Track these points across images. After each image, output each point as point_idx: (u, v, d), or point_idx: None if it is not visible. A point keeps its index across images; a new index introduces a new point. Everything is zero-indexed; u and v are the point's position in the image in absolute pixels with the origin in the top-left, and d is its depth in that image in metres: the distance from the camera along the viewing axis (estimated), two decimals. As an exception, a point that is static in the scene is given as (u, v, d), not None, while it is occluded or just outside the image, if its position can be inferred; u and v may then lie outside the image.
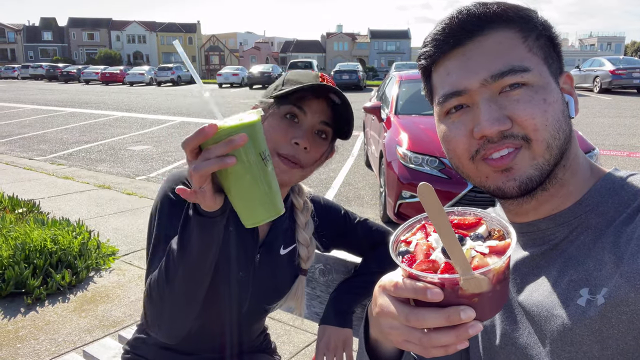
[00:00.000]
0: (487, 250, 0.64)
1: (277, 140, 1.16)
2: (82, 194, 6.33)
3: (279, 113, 1.18)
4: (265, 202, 0.81)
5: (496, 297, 0.64)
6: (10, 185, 6.55)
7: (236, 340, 1.38)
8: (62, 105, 19.75)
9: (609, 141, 9.86)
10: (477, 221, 0.71)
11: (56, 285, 3.51)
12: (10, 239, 3.79)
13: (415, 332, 0.65)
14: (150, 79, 39.18)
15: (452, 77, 0.81)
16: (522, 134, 0.77)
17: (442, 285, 0.62)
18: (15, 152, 9.72)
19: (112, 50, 78.87)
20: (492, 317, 0.67)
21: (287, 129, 1.17)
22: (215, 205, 0.84)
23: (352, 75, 29.32)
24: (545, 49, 0.81)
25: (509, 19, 0.80)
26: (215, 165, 0.75)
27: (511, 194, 0.80)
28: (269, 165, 0.81)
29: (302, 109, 1.17)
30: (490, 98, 0.78)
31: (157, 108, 18.64)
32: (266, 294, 1.33)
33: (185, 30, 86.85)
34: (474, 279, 0.60)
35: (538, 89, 0.77)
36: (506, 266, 0.64)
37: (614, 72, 20.70)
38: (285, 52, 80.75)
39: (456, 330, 0.62)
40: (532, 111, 0.76)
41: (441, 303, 0.62)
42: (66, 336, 2.99)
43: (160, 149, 10.04)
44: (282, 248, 1.35)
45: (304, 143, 1.16)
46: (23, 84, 38.80)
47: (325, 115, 1.19)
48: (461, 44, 0.80)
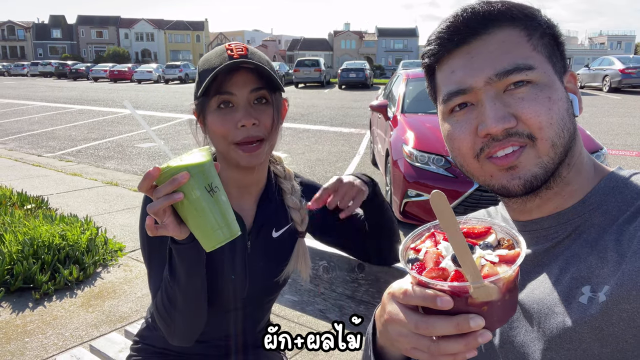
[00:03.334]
0: (497, 259, 0.64)
1: (226, 133, 1.16)
2: (90, 190, 6.38)
3: (212, 106, 1.17)
4: (218, 227, 0.90)
5: (505, 306, 0.64)
6: (19, 181, 6.61)
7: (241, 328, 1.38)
8: (71, 102, 19.89)
9: (618, 141, 9.78)
10: (487, 230, 0.71)
11: (64, 281, 3.55)
12: (19, 234, 3.84)
13: (424, 340, 0.65)
14: (158, 77, 39.29)
15: (456, 75, 0.81)
16: (527, 132, 0.77)
17: (451, 293, 0.62)
18: (24, 148, 9.81)
19: (120, 48, 79.25)
20: (501, 326, 0.66)
21: (227, 117, 1.16)
22: (182, 234, 0.93)
23: (359, 73, 29.25)
24: (549, 47, 0.81)
25: (514, 17, 0.80)
26: (165, 202, 0.86)
27: (516, 193, 0.80)
28: (219, 195, 0.91)
29: (228, 91, 1.15)
30: (495, 96, 0.78)
31: (164, 105, 18.72)
32: (264, 276, 1.33)
33: (193, 28, 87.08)
34: (483, 287, 0.61)
35: (543, 87, 0.77)
36: (515, 275, 0.65)
37: (624, 71, 20.52)
38: (292, 50, 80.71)
39: (465, 338, 0.62)
40: (537, 109, 0.76)
41: (450, 311, 0.62)
42: (73, 331, 3.03)
43: (167, 146, 10.05)
44: (275, 230, 1.34)
45: (249, 121, 1.14)
46: (32, 81, 39.11)
47: (252, 83, 1.16)
48: (466, 42, 0.80)
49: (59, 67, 47.14)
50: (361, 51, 79.47)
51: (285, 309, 3.17)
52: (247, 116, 1.15)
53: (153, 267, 1.21)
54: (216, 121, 1.17)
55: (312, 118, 14.59)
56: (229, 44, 1.20)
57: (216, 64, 1.15)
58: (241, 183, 1.29)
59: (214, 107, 1.17)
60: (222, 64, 1.13)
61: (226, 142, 1.17)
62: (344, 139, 10.90)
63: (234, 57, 1.15)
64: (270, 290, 1.38)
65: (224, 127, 1.16)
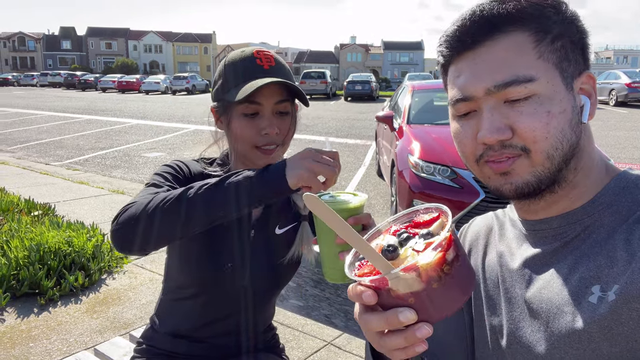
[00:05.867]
0: (423, 247, 0.61)
1: (250, 138, 1.24)
2: (97, 198, 6.42)
3: (238, 112, 1.24)
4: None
5: (438, 296, 0.60)
6: (27, 189, 6.66)
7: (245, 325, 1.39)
8: (79, 112, 20.08)
9: (625, 154, 9.74)
10: (433, 219, 0.68)
11: (69, 287, 3.56)
12: (26, 240, 3.86)
13: (375, 336, 0.66)
14: (165, 88, 39.65)
15: (461, 80, 0.82)
16: (521, 144, 0.77)
17: (375, 288, 0.62)
18: (33, 157, 9.89)
19: (129, 59, 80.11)
20: (443, 318, 0.62)
21: (252, 124, 1.24)
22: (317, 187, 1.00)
23: (365, 85, 29.37)
24: (562, 51, 0.78)
25: (524, 20, 0.77)
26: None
27: (508, 196, 0.83)
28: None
29: (257, 102, 1.23)
30: (494, 107, 0.78)
31: (171, 116, 18.86)
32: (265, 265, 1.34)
33: (201, 40, 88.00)
34: (398, 278, 0.59)
35: (544, 99, 0.76)
36: (440, 263, 0.60)
37: (630, 85, 20.46)
38: (299, 63, 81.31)
39: (403, 333, 0.62)
40: (533, 124, 0.75)
41: (385, 306, 0.62)
42: (78, 336, 3.03)
43: (174, 155, 10.15)
44: (278, 228, 1.38)
45: (272, 130, 1.23)
46: (41, 92, 39.55)
47: (278, 96, 1.24)
48: (471, 48, 0.80)
49: (67, 78, 47.64)
50: (367, 64, 79.94)
51: (290, 316, 3.16)
52: (272, 125, 1.24)
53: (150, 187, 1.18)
54: (242, 126, 1.24)
55: (318, 129, 14.64)
56: (258, 50, 1.26)
57: (248, 71, 1.22)
58: None
59: (240, 112, 1.24)
60: (254, 73, 1.21)
61: (249, 145, 1.25)
62: (350, 150, 10.92)
63: (264, 67, 1.23)
64: (273, 281, 1.39)
65: (249, 133, 1.24)
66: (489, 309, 0.94)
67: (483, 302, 0.95)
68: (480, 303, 0.96)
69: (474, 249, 1.02)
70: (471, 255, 1.02)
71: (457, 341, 0.99)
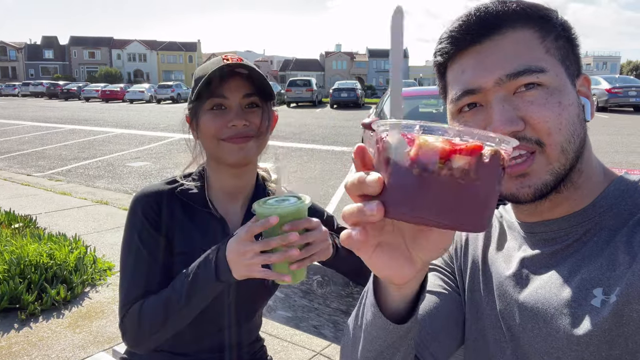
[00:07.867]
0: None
1: (217, 131, 1.22)
2: (80, 209, 6.30)
3: (206, 109, 1.23)
4: None
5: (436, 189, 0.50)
6: (7, 200, 6.52)
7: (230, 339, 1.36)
8: (62, 122, 19.80)
9: (607, 159, 9.90)
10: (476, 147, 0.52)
11: (51, 301, 3.47)
12: (6, 253, 3.75)
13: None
14: (150, 97, 39.39)
15: (466, 75, 0.80)
16: (535, 137, 0.76)
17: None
18: (14, 168, 9.70)
19: (112, 69, 79.46)
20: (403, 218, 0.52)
21: (219, 117, 1.22)
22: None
23: (351, 93, 29.54)
24: (563, 50, 0.80)
25: (528, 18, 0.79)
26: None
27: (525, 200, 0.79)
28: None
29: (222, 95, 1.21)
30: (504, 98, 0.77)
31: (156, 125, 18.70)
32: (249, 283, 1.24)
33: (186, 49, 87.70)
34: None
35: (553, 90, 0.76)
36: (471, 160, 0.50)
37: (611, 90, 20.87)
38: (284, 71, 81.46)
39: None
40: (546, 114, 0.75)
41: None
42: (59, 352, 2.94)
43: (159, 165, 10.04)
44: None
45: (240, 122, 1.20)
46: (23, 102, 38.99)
47: (244, 89, 1.23)
48: (477, 42, 0.79)
49: (50, 87, 47.05)
50: (352, 71, 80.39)
51: (278, 327, 3.12)
52: (239, 117, 1.21)
53: (127, 270, 1.26)
54: (208, 120, 1.23)
55: (305, 137, 14.64)
56: (226, 54, 1.27)
57: (211, 69, 1.21)
58: (230, 187, 1.32)
59: (207, 109, 1.23)
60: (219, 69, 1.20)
61: (216, 139, 1.22)
62: (336, 157, 10.93)
63: (229, 62, 1.22)
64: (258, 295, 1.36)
65: (215, 126, 1.21)
66: (485, 307, 0.93)
67: (480, 301, 0.94)
68: (477, 302, 0.95)
69: (470, 247, 1.01)
70: (468, 254, 1.01)
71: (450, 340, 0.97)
